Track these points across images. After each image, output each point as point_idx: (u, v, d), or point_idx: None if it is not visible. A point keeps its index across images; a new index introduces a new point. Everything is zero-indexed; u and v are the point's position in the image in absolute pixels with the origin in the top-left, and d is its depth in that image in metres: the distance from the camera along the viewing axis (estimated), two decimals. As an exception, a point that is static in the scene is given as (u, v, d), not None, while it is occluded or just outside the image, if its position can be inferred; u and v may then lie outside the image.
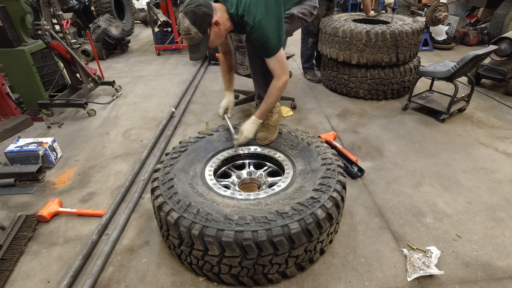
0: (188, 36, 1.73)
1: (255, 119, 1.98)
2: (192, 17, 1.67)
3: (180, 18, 1.70)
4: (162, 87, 4.21)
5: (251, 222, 1.40)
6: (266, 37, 1.77)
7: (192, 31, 1.70)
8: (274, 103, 1.99)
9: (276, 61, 1.86)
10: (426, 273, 1.58)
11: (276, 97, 1.96)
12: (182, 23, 1.70)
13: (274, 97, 1.95)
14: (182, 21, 1.69)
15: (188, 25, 1.68)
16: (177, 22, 1.75)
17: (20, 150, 2.50)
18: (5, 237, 1.84)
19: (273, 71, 1.90)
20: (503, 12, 5.11)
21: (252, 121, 1.98)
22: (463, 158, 2.52)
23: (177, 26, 1.78)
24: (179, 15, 1.71)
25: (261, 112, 1.97)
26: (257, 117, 1.98)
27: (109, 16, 5.82)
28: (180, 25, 1.71)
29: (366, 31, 3.21)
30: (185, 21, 1.68)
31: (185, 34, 1.73)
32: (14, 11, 3.21)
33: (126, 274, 1.66)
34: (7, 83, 3.32)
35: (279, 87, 1.91)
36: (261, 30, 1.75)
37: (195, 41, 1.75)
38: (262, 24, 1.74)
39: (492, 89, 3.75)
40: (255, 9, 1.72)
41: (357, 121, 3.14)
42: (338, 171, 1.71)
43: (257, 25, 1.73)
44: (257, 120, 1.98)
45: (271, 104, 1.97)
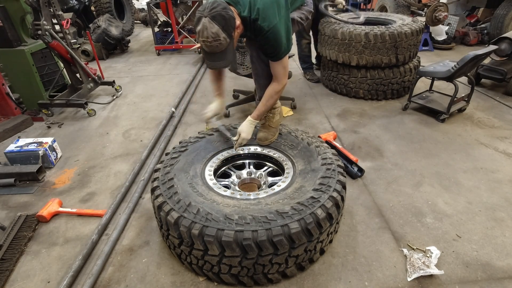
0: (215, 43, 1.58)
1: (252, 120, 1.98)
2: (221, 21, 1.55)
3: (206, 24, 1.53)
4: (162, 87, 4.22)
5: (251, 221, 1.40)
6: (278, 42, 1.77)
7: (221, 37, 1.57)
8: (272, 106, 2.01)
9: (281, 65, 1.87)
10: (426, 273, 1.58)
11: (274, 100, 1.98)
12: (210, 28, 1.53)
13: (273, 100, 1.97)
14: (209, 26, 1.53)
15: (217, 31, 1.54)
16: (199, 29, 1.56)
17: (20, 150, 2.50)
18: (5, 237, 1.84)
19: (276, 75, 1.91)
20: (503, 12, 5.11)
21: (249, 122, 1.98)
22: (463, 158, 2.52)
23: (199, 33, 1.57)
24: (203, 20, 1.54)
25: (258, 113, 1.97)
26: (254, 118, 1.98)
27: (109, 16, 5.82)
28: (206, 32, 1.54)
29: (365, 32, 3.21)
30: (213, 26, 1.54)
31: (212, 40, 1.56)
32: (14, 11, 3.21)
33: (126, 274, 1.66)
34: (7, 83, 3.32)
35: (278, 91, 1.94)
36: (275, 35, 1.74)
37: (222, 48, 1.61)
38: (276, 29, 1.73)
39: (492, 89, 3.76)
40: (269, 14, 1.70)
41: (357, 121, 3.14)
42: (338, 171, 1.71)
43: (272, 30, 1.72)
44: (254, 121, 1.98)
45: (269, 107, 1.99)
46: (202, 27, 1.55)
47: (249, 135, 1.98)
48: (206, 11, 1.54)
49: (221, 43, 1.59)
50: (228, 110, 3.30)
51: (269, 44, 1.79)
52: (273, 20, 1.71)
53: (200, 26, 1.56)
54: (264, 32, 1.73)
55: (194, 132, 3.02)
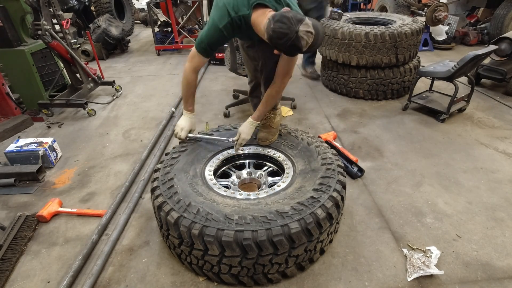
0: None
1: (252, 121, 1.97)
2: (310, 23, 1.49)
3: (309, 23, 1.46)
4: (162, 87, 4.21)
5: (251, 221, 1.40)
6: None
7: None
8: (272, 106, 2.01)
9: (291, 61, 1.86)
10: (426, 273, 1.58)
11: (275, 100, 1.99)
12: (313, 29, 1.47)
13: (274, 100, 1.98)
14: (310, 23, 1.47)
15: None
16: (310, 29, 1.46)
17: (20, 150, 2.50)
18: (5, 237, 1.84)
19: (282, 70, 1.88)
20: (503, 12, 5.11)
21: (249, 123, 1.98)
22: (463, 158, 2.52)
23: (309, 39, 1.47)
24: (307, 21, 1.45)
25: (259, 114, 1.97)
26: (255, 119, 1.97)
27: (109, 16, 5.82)
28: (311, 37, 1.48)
29: (365, 32, 3.21)
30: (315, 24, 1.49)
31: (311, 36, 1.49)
32: (14, 11, 3.21)
33: (126, 274, 1.66)
34: (7, 83, 3.32)
35: (279, 90, 1.95)
36: None
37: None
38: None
39: (492, 89, 3.76)
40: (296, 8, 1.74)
41: (357, 121, 3.14)
42: (338, 171, 1.71)
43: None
44: (254, 122, 1.98)
45: (270, 107, 1.99)
46: (308, 32, 1.46)
47: (249, 135, 1.98)
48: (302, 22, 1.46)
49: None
50: (228, 110, 3.30)
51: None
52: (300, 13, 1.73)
53: (310, 28, 1.46)
54: None
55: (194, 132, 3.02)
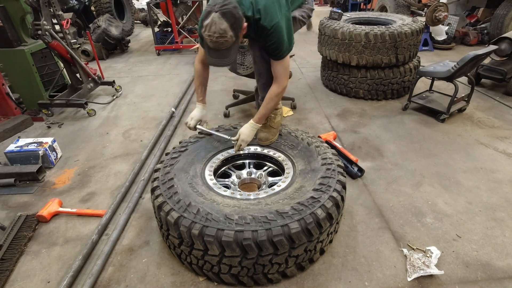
0: (221, 39, 1.57)
1: (253, 123, 1.97)
2: (231, 19, 1.55)
3: (215, 19, 1.53)
4: (162, 87, 4.22)
5: (251, 222, 1.40)
6: (280, 40, 1.78)
7: (228, 35, 1.56)
8: (273, 109, 2.01)
9: (282, 66, 1.88)
10: (426, 273, 1.58)
11: (275, 103, 1.97)
12: (218, 24, 1.53)
13: (274, 103, 1.96)
14: (218, 22, 1.53)
15: (226, 27, 1.54)
16: (208, 23, 1.54)
17: (20, 150, 2.50)
18: (5, 237, 1.84)
19: (276, 75, 1.91)
20: (503, 12, 5.11)
21: (250, 125, 1.97)
22: (463, 158, 2.52)
23: (206, 27, 1.55)
24: (213, 15, 1.53)
25: (260, 116, 1.96)
26: (256, 121, 1.97)
27: (109, 16, 5.82)
28: (213, 27, 1.53)
29: (365, 32, 3.21)
30: (222, 22, 1.53)
31: (218, 37, 1.56)
32: (14, 11, 3.21)
33: (126, 274, 1.66)
34: (7, 83, 3.32)
35: (279, 93, 1.93)
36: (277, 34, 1.75)
37: (227, 45, 1.61)
38: (278, 28, 1.74)
39: (492, 89, 3.76)
40: (271, 13, 1.71)
41: (357, 121, 3.14)
42: (338, 171, 1.71)
43: (274, 29, 1.73)
44: (255, 124, 1.97)
45: (270, 110, 1.98)
46: (211, 21, 1.54)
47: (249, 137, 1.96)
48: (217, 6, 1.53)
49: (227, 41, 1.59)
50: (228, 110, 3.30)
51: (271, 43, 1.79)
52: (275, 18, 1.73)
53: (209, 20, 1.54)
54: (267, 31, 1.74)
55: (194, 132, 3.02)
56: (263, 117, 1.98)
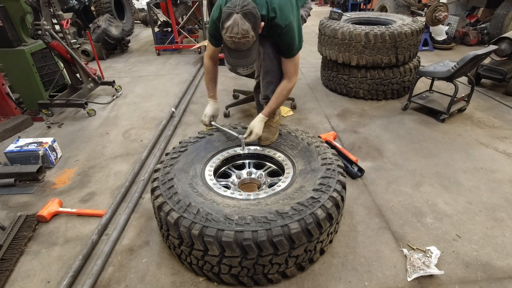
0: (243, 40, 1.59)
1: (263, 116, 2.00)
2: (252, 19, 1.57)
3: (238, 20, 1.53)
4: (162, 87, 4.22)
5: (251, 222, 1.40)
6: (293, 38, 1.82)
7: (250, 35, 1.58)
8: (282, 103, 2.05)
9: (293, 63, 1.93)
10: (426, 273, 1.58)
11: (285, 98, 2.02)
12: (241, 25, 1.54)
13: (284, 98, 2.01)
14: (240, 23, 1.54)
15: (248, 28, 1.56)
16: (229, 24, 1.55)
17: (20, 150, 2.50)
18: (5, 237, 1.84)
19: (287, 72, 1.96)
20: (503, 12, 5.11)
21: (260, 119, 1.99)
22: (463, 158, 2.52)
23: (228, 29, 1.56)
24: (235, 16, 1.53)
25: (270, 110, 2.00)
26: (265, 114, 2.00)
27: (109, 16, 5.82)
28: (236, 28, 1.54)
29: (365, 32, 3.21)
30: (245, 23, 1.54)
31: (241, 37, 1.57)
32: (14, 11, 3.21)
33: (126, 274, 1.66)
34: (7, 83, 3.32)
35: (290, 88, 1.99)
36: (290, 32, 1.79)
37: (248, 45, 1.63)
38: (291, 26, 1.78)
39: (492, 89, 3.76)
40: (286, 11, 1.75)
41: (357, 121, 3.14)
42: (338, 171, 1.71)
43: (287, 27, 1.76)
44: (265, 117, 2.00)
45: (280, 104, 2.02)
46: (233, 22, 1.55)
47: (261, 131, 1.99)
48: (238, 8, 1.55)
49: (249, 41, 1.61)
50: (228, 110, 3.30)
51: (284, 41, 1.82)
52: (289, 17, 1.76)
53: (231, 22, 1.55)
54: (281, 30, 1.77)
55: (194, 132, 3.02)
56: (273, 111, 2.02)
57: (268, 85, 2.17)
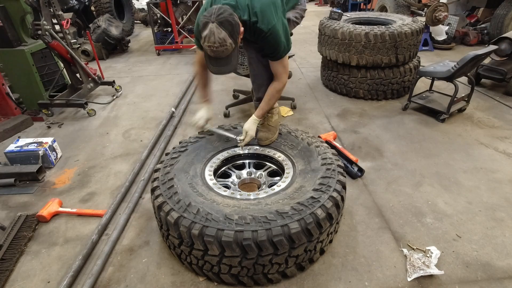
0: (221, 48, 1.58)
1: (256, 118, 2.01)
2: (228, 27, 1.56)
3: (213, 29, 1.54)
4: (162, 87, 4.22)
5: (251, 222, 1.40)
6: (278, 42, 1.80)
7: (228, 42, 1.58)
8: (274, 104, 2.06)
9: (281, 65, 1.92)
10: (426, 273, 1.58)
11: (276, 99, 2.03)
12: (217, 34, 1.54)
13: (275, 99, 2.02)
14: (216, 31, 1.54)
15: (225, 36, 1.55)
16: (206, 34, 1.56)
17: (20, 150, 2.50)
18: (5, 237, 1.84)
19: (276, 73, 1.96)
20: (503, 12, 5.11)
21: (253, 120, 2.01)
22: (463, 158, 2.52)
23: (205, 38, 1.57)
24: (210, 26, 1.54)
25: (262, 111, 2.01)
26: (258, 116, 2.01)
27: (109, 16, 5.82)
28: (213, 37, 1.55)
29: (365, 32, 3.21)
30: (221, 31, 1.54)
31: (219, 46, 1.57)
32: (14, 11, 3.21)
33: (126, 274, 1.66)
34: (7, 83, 3.32)
35: (280, 89, 2.00)
36: (274, 36, 1.77)
37: (227, 53, 1.63)
38: (275, 30, 1.76)
39: (492, 89, 3.76)
40: (268, 15, 1.73)
41: (357, 121, 3.14)
42: (338, 171, 1.71)
43: (271, 31, 1.75)
44: (257, 119, 2.01)
45: (271, 105, 2.03)
46: (209, 32, 1.55)
47: (254, 132, 2.01)
48: (213, 17, 1.55)
49: (227, 49, 1.60)
50: (228, 110, 3.30)
51: (269, 45, 1.81)
52: (272, 21, 1.74)
53: (207, 31, 1.55)
54: (264, 34, 1.76)
55: (194, 132, 3.02)
56: (265, 112, 2.03)
57: (259, 87, 2.17)
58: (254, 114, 2.01)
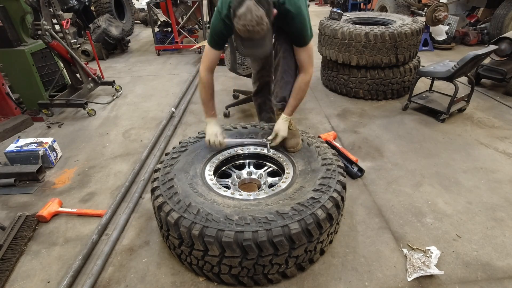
0: (257, 28, 1.48)
1: (286, 117, 1.95)
2: (266, 5, 1.48)
3: (251, 6, 1.45)
4: (162, 87, 4.22)
5: (251, 222, 1.40)
6: (304, 25, 1.76)
7: (264, 21, 1.48)
8: (302, 99, 1.98)
9: (307, 53, 1.86)
10: (426, 273, 1.58)
11: (304, 93, 1.95)
12: (254, 11, 1.45)
13: (304, 92, 1.94)
14: (253, 9, 1.45)
15: (262, 14, 1.47)
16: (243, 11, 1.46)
17: (20, 150, 2.50)
18: (5, 237, 1.84)
19: (302, 64, 1.89)
20: (503, 12, 5.11)
21: (284, 120, 1.94)
22: (463, 158, 2.52)
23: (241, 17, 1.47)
24: (248, 3, 1.45)
25: (292, 108, 1.95)
26: (288, 114, 1.96)
27: (109, 16, 5.82)
28: (250, 14, 1.45)
29: (365, 32, 3.21)
30: (258, 9, 1.46)
31: (255, 25, 1.47)
32: (14, 11, 3.21)
33: (126, 274, 1.66)
34: (7, 83, 3.32)
35: (308, 81, 1.92)
36: (301, 17, 1.73)
37: (263, 34, 1.53)
38: (302, 12, 1.72)
39: (492, 89, 3.76)
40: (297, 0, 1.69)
41: (357, 121, 3.14)
42: (338, 171, 1.71)
43: (298, 11, 1.70)
44: (288, 117, 1.96)
45: (300, 100, 1.96)
46: (246, 9, 1.46)
47: (286, 132, 1.94)
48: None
49: (263, 29, 1.51)
50: (228, 110, 3.30)
51: (297, 28, 1.75)
52: (298, 2, 1.70)
53: (244, 9, 1.47)
54: (291, 15, 1.70)
55: (194, 132, 3.02)
56: (294, 109, 1.97)
57: (286, 85, 2.03)
58: (284, 113, 1.96)
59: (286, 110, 1.96)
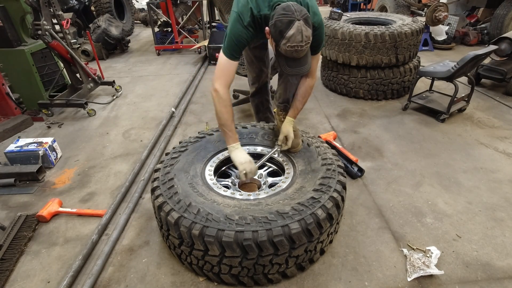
0: (305, 47, 1.49)
1: (292, 119, 1.97)
2: (310, 24, 1.49)
3: (301, 27, 1.43)
4: (162, 87, 4.22)
5: (251, 222, 1.40)
6: (322, 35, 1.80)
7: (310, 40, 1.50)
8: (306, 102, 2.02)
9: (316, 59, 1.90)
10: (426, 273, 1.58)
11: (309, 96, 1.99)
12: (304, 32, 1.44)
13: (309, 96, 1.99)
14: (303, 29, 1.44)
15: (309, 34, 1.48)
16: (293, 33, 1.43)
17: (20, 150, 2.50)
18: (5, 237, 1.84)
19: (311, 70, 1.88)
20: (503, 12, 5.11)
21: (290, 122, 1.96)
22: (463, 158, 2.52)
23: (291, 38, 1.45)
24: (297, 24, 1.43)
25: (297, 111, 1.98)
26: (293, 116, 1.98)
27: (109, 16, 5.82)
28: (299, 36, 1.44)
29: (365, 33, 3.21)
30: (307, 29, 1.46)
31: (305, 44, 1.47)
32: (14, 11, 3.21)
33: (126, 274, 1.66)
34: (7, 83, 3.32)
35: (313, 85, 1.97)
36: (322, 29, 1.76)
37: (306, 51, 1.55)
38: (322, 22, 1.76)
39: (492, 89, 3.76)
40: (316, 8, 1.72)
41: (357, 121, 3.14)
42: (338, 171, 1.71)
43: (320, 24, 1.74)
44: (293, 120, 1.98)
45: (305, 103, 2.00)
46: (296, 31, 1.44)
47: (293, 134, 1.93)
48: (298, 14, 1.45)
49: (308, 47, 1.53)
50: None
51: (316, 39, 1.74)
52: (318, 13, 1.73)
53: (294, 30, 1.44)
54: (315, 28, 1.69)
55: (194, 132, 3.02)
56: (299, 112, 2.00)
57: (291, 87, 2.03)
58: (289, 115, 1.97)
59: (292, 112, 1.98)
